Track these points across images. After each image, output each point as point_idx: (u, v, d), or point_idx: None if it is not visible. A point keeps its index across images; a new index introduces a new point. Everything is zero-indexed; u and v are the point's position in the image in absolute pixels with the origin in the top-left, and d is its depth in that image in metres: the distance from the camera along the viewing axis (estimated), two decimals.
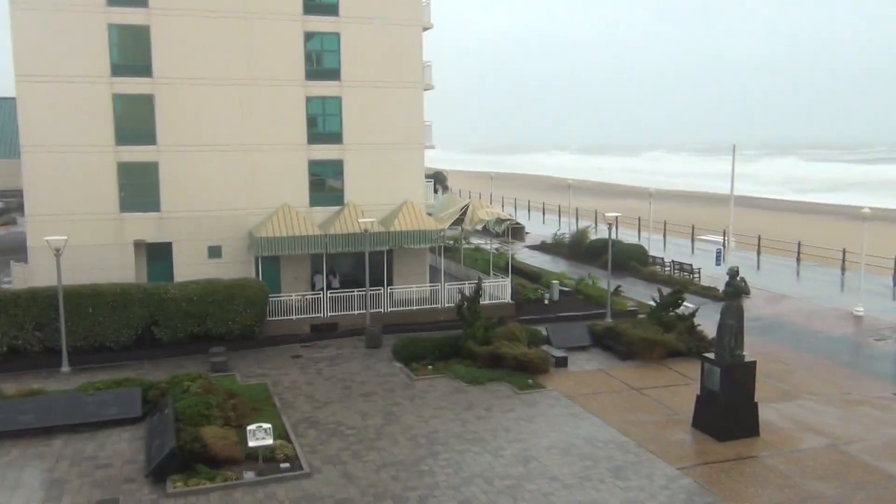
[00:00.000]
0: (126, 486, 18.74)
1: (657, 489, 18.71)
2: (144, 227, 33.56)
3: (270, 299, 32.26)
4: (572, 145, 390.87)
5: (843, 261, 48.67)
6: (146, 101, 33.06)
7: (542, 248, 57.74)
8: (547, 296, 38.22)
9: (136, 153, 33.19)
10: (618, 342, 30.17)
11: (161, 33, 32.83)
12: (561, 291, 39.11)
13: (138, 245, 33.71)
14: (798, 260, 51.61)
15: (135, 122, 32.99)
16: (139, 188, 33.38)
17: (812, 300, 40.39)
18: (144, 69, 32.89)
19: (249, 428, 19.90)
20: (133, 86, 32.82)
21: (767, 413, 23.44)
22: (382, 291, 33.97)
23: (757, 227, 61.81)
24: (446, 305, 34.22)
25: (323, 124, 35.77)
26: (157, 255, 33.94)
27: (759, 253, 54.28)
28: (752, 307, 37.63)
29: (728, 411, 21.87)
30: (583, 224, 65.98)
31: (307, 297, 33.52)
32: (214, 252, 34.32)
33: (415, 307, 34.44)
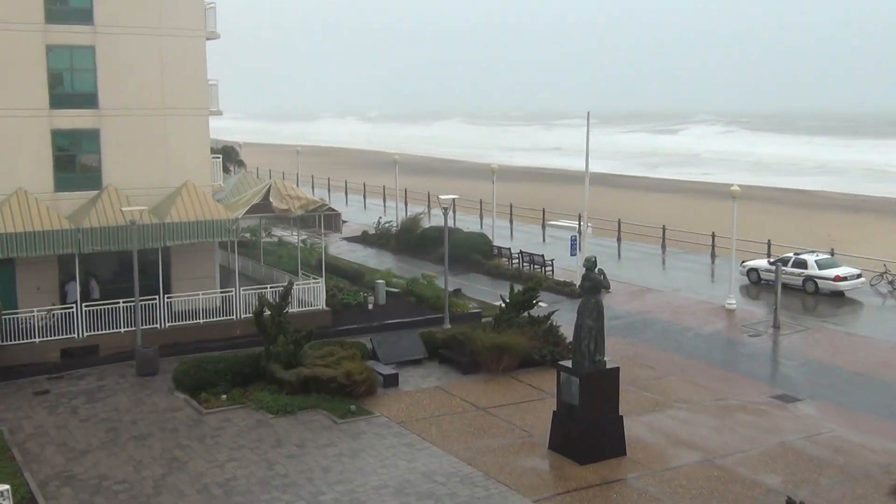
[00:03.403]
0: None
1: None
2: None
3: (2, 317, 30.33)
4: (369, 111, 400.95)
5: (713, 246, 52.61)
6: None
7: (364, 239, 57.93)
8: (371, 299, 38.44)
9: None
10: (459, 352, 30.84)
11: None
12: (388, 293, 39.47)
13: None
14: (663, 247, 55.18)
15: None
16: None
17: (680, 293, 43.29)
18: None
19: None
20: None
21: (634, 427, 24.80)
22: (158, 301, 32.80)
23: (615, 209, 65.43)
24: (243, 316, 33.59)
25: (71, 82, 34.01)
26: None
27: (619, 239, 57.46)
28: (613, 303, 39.83)
29: (589, 428, 22.94)
30: (413, 209, 66.89)
31: (54, 312, 31.70)
32: None
33: (202, 320, 33.57)
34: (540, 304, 33.78)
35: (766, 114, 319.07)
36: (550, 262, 47.06)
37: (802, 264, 42.49)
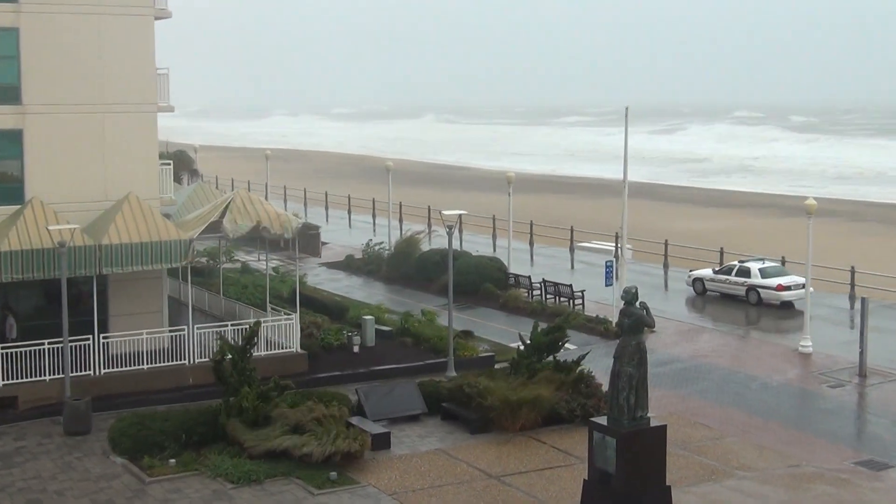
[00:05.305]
0: None
1: None
2: None
3: None
4: (333, 109, 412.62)
5: None
6: None
7: (349, 265, 58.01)
8: (356, 340, 38.35)
9: None
10: (467, 407, 30.66)
11: None
12: (378, 332, 39.38)
13: None
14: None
15: None
16: None
17: (742, 333, 43.21)
18: None
19: None
20: None
21: (685, 501, 24.65)
22: (92, 342, 32.74)
23: (659, 228, 65.28)
24: (198, 361, 33.56)
25: None
26: None
27: (665, 266, 57.30)
28: (658, 346, 39.66)
29: (629, 502, 22.72)
30: (409, 228, 66.79)
31: None
32: None
33: (146, 366, 33.55)
34: (567, 345, 33.58)
35: (814, 109, 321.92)
36: (580, 294, 46.90)
37: (746, 273, 47.57)
